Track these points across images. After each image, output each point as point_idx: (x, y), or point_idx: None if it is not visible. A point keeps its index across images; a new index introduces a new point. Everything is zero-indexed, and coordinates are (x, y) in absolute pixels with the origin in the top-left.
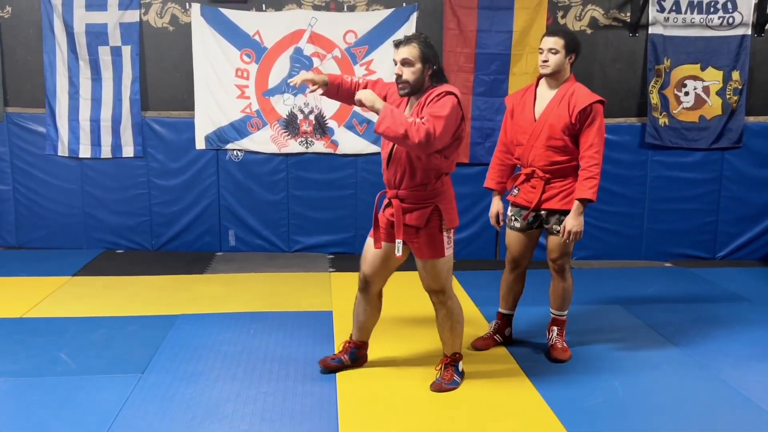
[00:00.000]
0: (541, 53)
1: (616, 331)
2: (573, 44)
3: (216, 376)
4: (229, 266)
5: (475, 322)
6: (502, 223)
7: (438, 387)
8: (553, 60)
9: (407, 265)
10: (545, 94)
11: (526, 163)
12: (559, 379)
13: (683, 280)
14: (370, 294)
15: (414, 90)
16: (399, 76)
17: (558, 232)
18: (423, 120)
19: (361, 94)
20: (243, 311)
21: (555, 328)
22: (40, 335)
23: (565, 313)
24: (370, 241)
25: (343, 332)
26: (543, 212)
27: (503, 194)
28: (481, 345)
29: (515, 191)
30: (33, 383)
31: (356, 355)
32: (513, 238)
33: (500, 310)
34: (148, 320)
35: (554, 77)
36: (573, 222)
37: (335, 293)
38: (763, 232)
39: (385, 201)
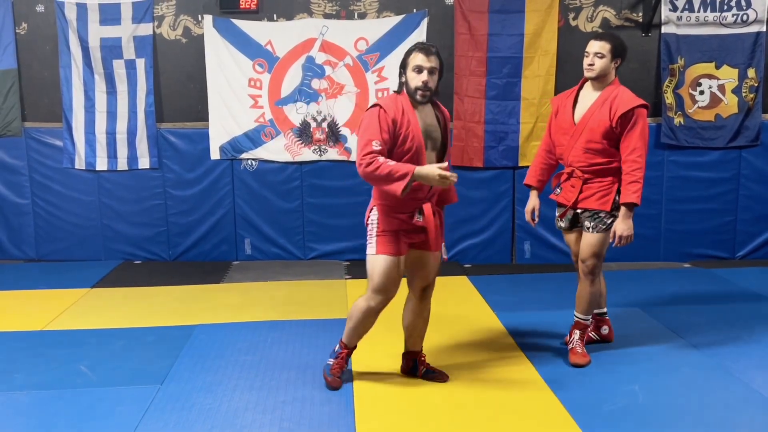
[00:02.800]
0: (586, 57)
1: (635, 333)
2: (620, 49)
3: (234, 386)
4: (245, 275)
5: (493, 327)
6: (537, 220)
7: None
8: (599, 64)
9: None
10: (588, 96)
11: (567, 163)
12: (578, 384)
13: (703, 281)
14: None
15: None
16: (426, 84)
17: (589, 229)
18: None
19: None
20: (260, 320)
21: (577, 331)
22: (60, 348)
23: (589, 317)
24: (390, 261)
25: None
26: (579, 211)
27: (542, 192)
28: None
29: (558, 190)
30: (54, 396)
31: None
32: (567, 238)
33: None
34: (167, 331)
35: (599, 81)
36: (622, 226)
37: (351, 300)
38: None
39: (412, 211)
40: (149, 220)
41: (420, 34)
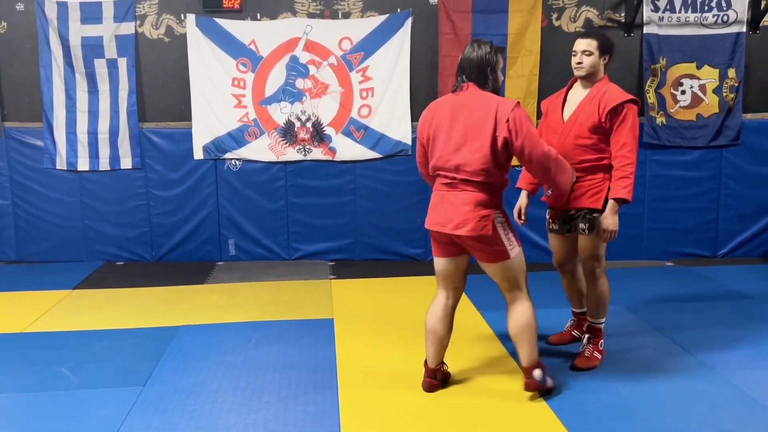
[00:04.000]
0: (574, 55)
1: (618, 332)
2: (607, 45)
3: (218, 387)
4: (229, 276)
5: (477, 326)
6: (524, 219)
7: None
8: (588, 62)
9: (411, 270)
10: (578, 95)
11: None
12: (563, 383)
13: (685, 279)
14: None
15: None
16: None
17: (584, 230)
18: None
19: None
20: (244, 321)
21: (586, 335)
22: (41, 350)
23: (600, 321)
24: None
25: (344, 339)
26: (573, 212)
27: (534, 194)
28: (557, 340)
29: (549, 191)
30: (35, 398)
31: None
32: (552, 241)
33: (573, 309)
34: (149, 332)
35: (589, 79)
36: (609, 221)
37: (336, 300)
38: (763, 228)
39: None
40: (132, 221)
41: (404, 34)
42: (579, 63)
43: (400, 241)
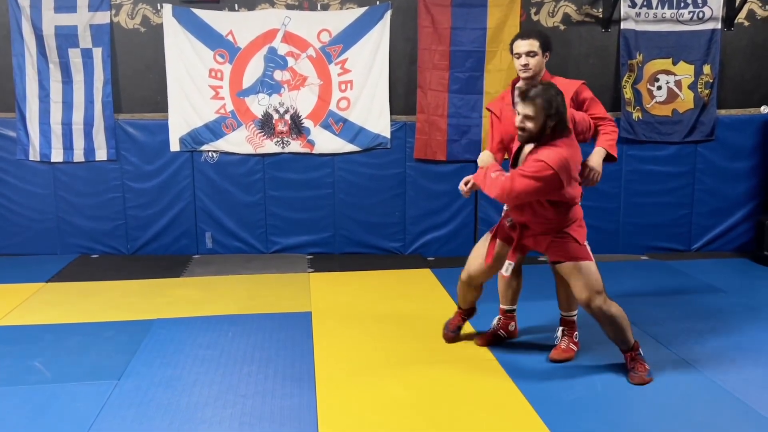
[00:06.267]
0: (518, 58)
1: (593, 324)
2: (547, 42)
3: (194, 381)
4: (206, 269)
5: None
6: (468, 189)
7: None
8: (534, 63)
9: (390, 263)
10: None
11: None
12: (539, 375)
13: (660, 273)
14: (471, 285)
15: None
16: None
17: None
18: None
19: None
20: (221, 314)
21: (561, 328)
22: (13, 344)
23: (573, 313)
24: (480, 247)
25: (321, 332)
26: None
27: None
28: (481, 342)
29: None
30: (7, 393)
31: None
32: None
33: (501, 306)
34: (124, 325)
35: (534, 78)
36: (596, 161)
37: (314, 294)
38: (736, 223)
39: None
40: (107, 214)
41: (383, 27)
42: (525, 65)
43: (379, 235)
